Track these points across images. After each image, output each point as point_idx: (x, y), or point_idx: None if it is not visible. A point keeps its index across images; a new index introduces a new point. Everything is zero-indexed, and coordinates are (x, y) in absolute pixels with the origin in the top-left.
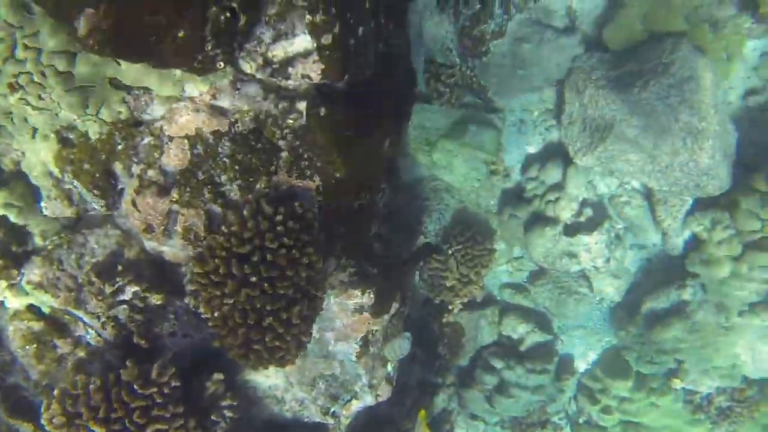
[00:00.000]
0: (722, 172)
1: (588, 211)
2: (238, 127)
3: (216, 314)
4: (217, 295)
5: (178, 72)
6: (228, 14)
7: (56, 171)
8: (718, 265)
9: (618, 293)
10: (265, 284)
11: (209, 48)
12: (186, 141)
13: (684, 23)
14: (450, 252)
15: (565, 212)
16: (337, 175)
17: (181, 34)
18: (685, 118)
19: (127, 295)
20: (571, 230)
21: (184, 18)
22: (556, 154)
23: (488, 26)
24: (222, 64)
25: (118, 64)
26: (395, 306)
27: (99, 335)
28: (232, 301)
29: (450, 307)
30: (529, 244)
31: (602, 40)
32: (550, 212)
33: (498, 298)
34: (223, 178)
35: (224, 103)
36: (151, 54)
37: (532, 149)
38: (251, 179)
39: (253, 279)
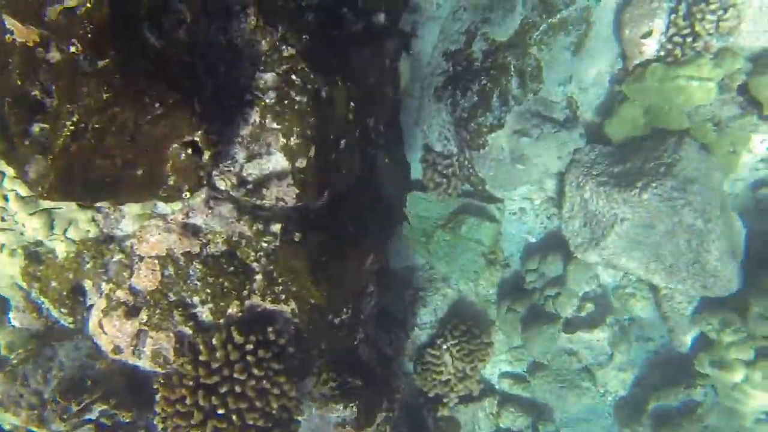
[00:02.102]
0: (730, 273)
1: (590, 306)
2: (210, 248)
3: None
4: (183, 425)
5: None
6: (190, 150)
7: (24, 285)
8: (731, 370)
9: (623, 387)
10: (234, 416)
11: (172, 182)
12: (157, 261)
13: (687, 121)
14: (445, 346)
15: (566, 309)
16: (312, 300)
17: (138, 173)
18: (689, 221)
19: (93, 414)
20: (571, 326)
21: (139, 158)
22: (557, 245)
23: (486, 118)
24: (188, 194)
25: None
26: (382, 415)
27: None
28: None
29: (445, 401)
30: (528, 341)
31: (604, 133)
32: (550, 308)
33: (497, 387)
34: (195, 299)
35: (197, 221)
36: (107, 195)
37: (532, 238)
38: (223, 303)
39: (221, 411)
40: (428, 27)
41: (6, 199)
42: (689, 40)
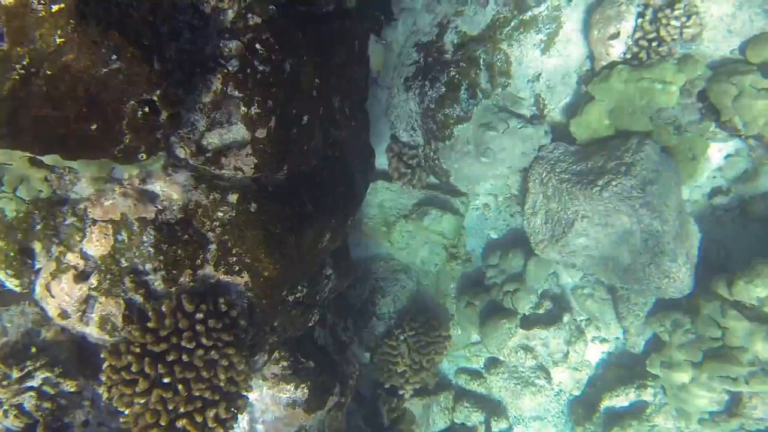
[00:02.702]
0: (683, 275)
1: (548, 304)
2: (165, 215)
3: (127, 412)
4: (128, 393)
5: None
6: (147, 109)
7: None
8: (679, 370)
9: (577, 386)
10: (180, 385)
11: (127, 141)
12: (110, 225)
13: (649, 123)
14: (402, 337)
15: (523, 304)
16: (266, 273)
17: (92, 127)
18: (647, 221)
19: (36, 381)
20: (528, 323)
21: (94, 112)
22: (518, 242)
23: (453, 110)
24: (144, 156)
25: None
26: (333, 399)
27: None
28: (143, 401)
29: (401, 392)
30: (485, 336)
31: (569, 132)
32: (508, 304)
33: (453, 382)
34: (147, 267)
35: (154, 188)
36: (58, 148)
37: (494, 235)
38: (175, 271)
39: (167, 380)
40: (402, 17)
41: None
42: (654, 44)
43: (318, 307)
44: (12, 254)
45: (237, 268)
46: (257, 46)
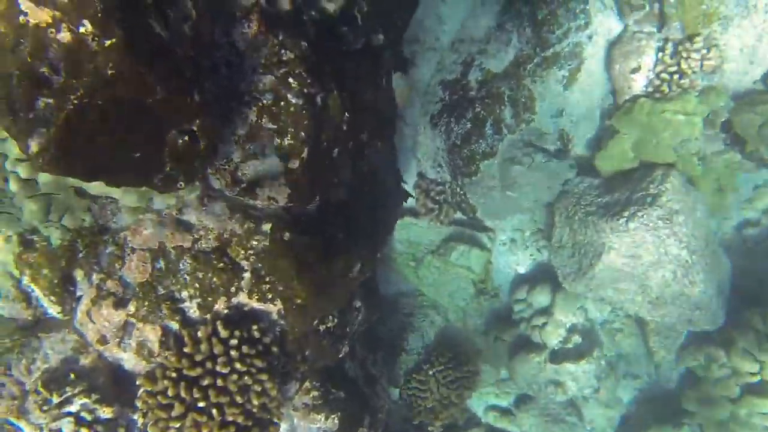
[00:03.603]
0: (715, 307)
1: (577, 338)
2: (201, 244)
3: None
4: (163, 418)
5: None
6: (187, 138)
7: (16, 272)
8: (716, 407)
9: (610, 424)
10: (214, 410)
11: (168, 169)
12: (148, 254)
13: (673, 155)
14: (431, 372)
15: (552, 338)
16: (298, 301)
17: (137, 155)
18: (675, 251)
19: (74, 407)
20: (558, 358)
21: (138, 141)
22: (546, 276)
23: (479, 146)
24: (183, 184)
25: None
26: (363, 431)
27: None
28: (178, 425)
29: (430, 429)
30: (514, 371)
31: (593, 165)
32: (537, 338)
33: (482, 420)
34: (183, 294)
35: (190, 217)
36: (105, 175)
37: (522, 269)
38: (210, 298)
39: (202, 404)
40: (427, 57)
41: (6, 181)
42: (676, 77)
43: (348, 338)
44: (55, 281)
45: (270, 296)
46: (290, 80)
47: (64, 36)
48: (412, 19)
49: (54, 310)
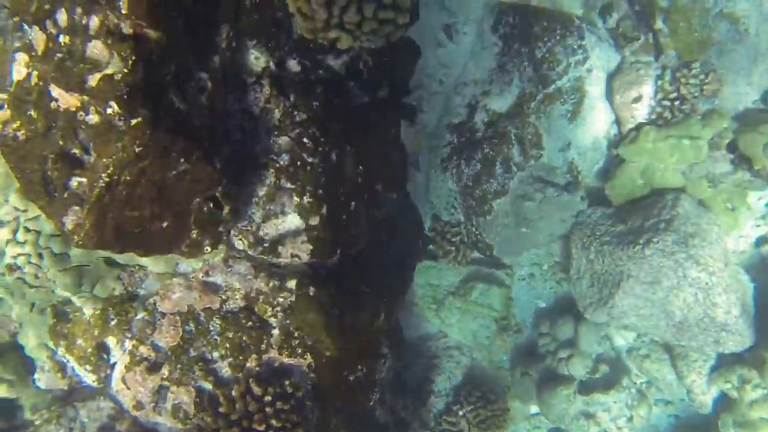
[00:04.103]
0: (742, 327)
1: (604, 368)
2: (229, 304)
3: None
4: None
5: None
6: (211, 204)
7: (51, 344)
8: (755, 429)
9: None
10: None
11: (194, 235)
12: (178, 318)
13: (682, 179)
14: (461, 413)
15: (579, 370)
16: (328, 353)
17: (164, 225)
18: (694, 274)
19: None
20: (587, 389)
21: (166, 211)
22: (567, 308)
23: (490, 185)
24: (209, 248)
25: None
26: None
27: None
28: None
29: None
30: (544, 405)
31: (604, 195)
32: (563, 370)
33: None
34: (215, 355)
35: (217, 279)
36: (135, 245)
37: (542, 303)
38: (242, 357)
39: None
40: (432, 102)
41: (41, 257)
42: (677, 103)
43: (377, 386)
44: (90, 350)
45: (300, 351)
46: (305, 140)
47: (93, 118)
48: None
49: (89, 379)
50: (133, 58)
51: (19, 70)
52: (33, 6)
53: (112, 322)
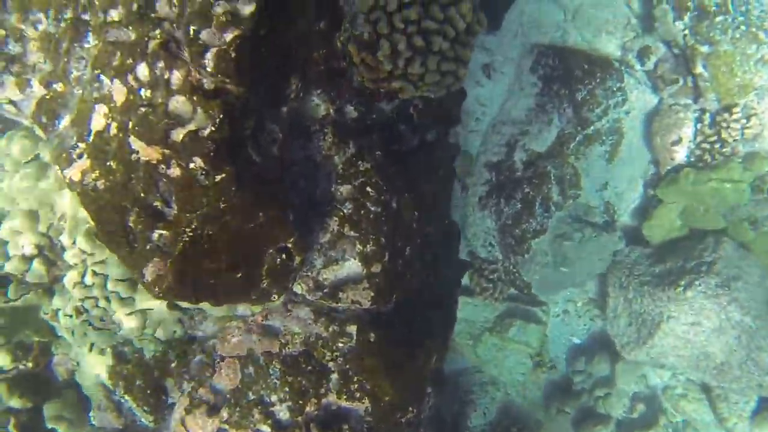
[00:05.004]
0: None
1: (641, 407)
2: (288, 348)
3: None
4: None
5: None
6: (284, 256)
7: (109, 384)
8: None
9: None
10: None
11: (265, 285)
12: (237, 361)
13: (723, 221)
14: None
15: (617, 409)
16: (386, 398)
17: (238, 276)
18: (737, 317)
19: None
20: (624, 428)
21: (241, 262)
22: (603, 346)
23: (530, 225)
24: (276, 297)
25: None
26: None
27: None
28: None
29: None
30: None
31: (642, 235)
32: (600, 409)
33: None
34: (273, 398)
35: (275, 323)
36: (210, 296)
37: (576, 339)
38: (301, 401)
39: None
40: (470, 140)
41: (108, 300)
42: (717, 146)
43: (423, 425)
44: (149, 392)
45: (358, 395)
46: (368, 189)
47: (174, 171)
48: None
49: (146, 419)
50: (221, 116)
51: (99, 120)
52: (116, 60)
53: (172, 364)
